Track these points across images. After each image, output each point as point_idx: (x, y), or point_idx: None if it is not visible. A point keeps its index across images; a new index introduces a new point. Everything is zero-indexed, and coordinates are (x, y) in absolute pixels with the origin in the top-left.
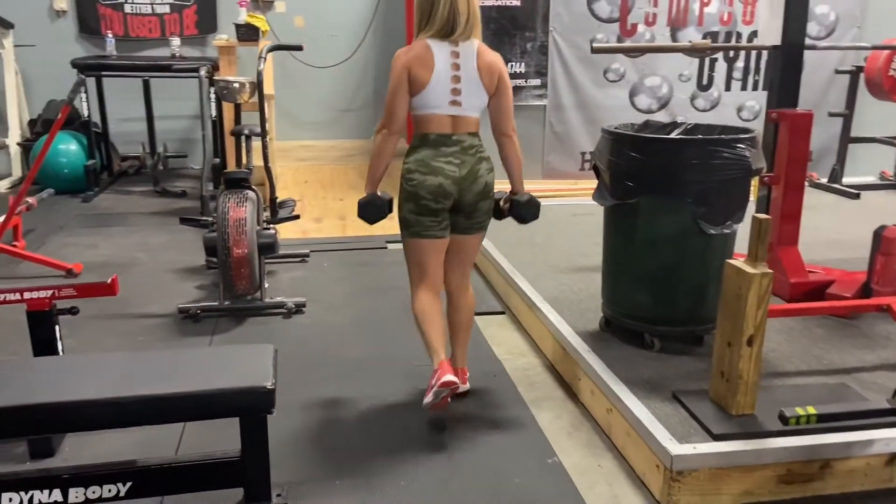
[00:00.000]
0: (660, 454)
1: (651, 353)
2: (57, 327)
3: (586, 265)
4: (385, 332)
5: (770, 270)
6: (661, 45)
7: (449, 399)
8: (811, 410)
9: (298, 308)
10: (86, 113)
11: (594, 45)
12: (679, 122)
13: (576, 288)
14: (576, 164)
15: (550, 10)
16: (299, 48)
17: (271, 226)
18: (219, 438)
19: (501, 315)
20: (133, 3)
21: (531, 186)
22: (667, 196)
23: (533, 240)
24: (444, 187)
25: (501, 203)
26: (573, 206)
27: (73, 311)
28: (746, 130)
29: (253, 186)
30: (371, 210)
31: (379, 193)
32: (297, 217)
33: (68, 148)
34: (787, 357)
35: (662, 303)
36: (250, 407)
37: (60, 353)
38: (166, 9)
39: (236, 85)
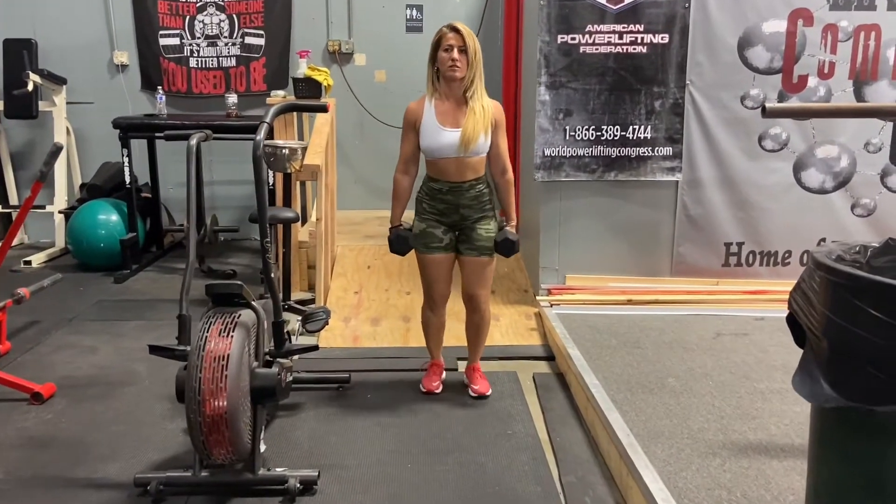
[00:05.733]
0: None
1: None
2: None
3: (751, 441)
4: None
5: None
6: (865, 106)
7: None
8: None
9: (306, 487)
10: (128, 179)
11: (767, 105)
12: None
13: (740, 495)
14: (718, 259)
15: (688, 58)
16: (323, 109)
17: (279, 360)
18: None
19: None
20: (199, 56)
21: (657, 286)
22: None
23: (664, 382)
24: None
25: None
26: (716, 318)
27: None
28: None
29: (254, 303)
30: None
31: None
32: (315, 348)
33: (108, 219)
34: None
35: None
36: None
37: None
38: (232, 62)
39: (285, 151)
